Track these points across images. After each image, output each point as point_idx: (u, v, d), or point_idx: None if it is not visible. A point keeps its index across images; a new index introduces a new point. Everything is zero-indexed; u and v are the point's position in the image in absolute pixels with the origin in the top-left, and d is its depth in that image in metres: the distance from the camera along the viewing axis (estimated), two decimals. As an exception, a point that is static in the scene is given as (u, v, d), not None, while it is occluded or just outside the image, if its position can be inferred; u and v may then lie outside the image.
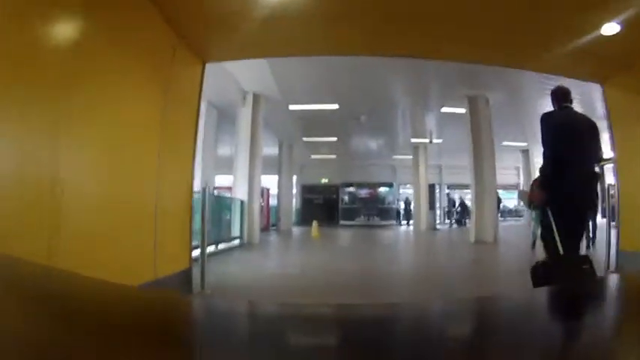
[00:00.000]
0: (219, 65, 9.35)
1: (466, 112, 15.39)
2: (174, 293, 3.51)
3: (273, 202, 23.58)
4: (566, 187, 4.04)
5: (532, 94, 13.79)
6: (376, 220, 30.33)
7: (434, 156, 25.73)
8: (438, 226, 25.02)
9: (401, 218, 28.23)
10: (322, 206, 31.40)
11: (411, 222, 27.40)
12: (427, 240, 17.76)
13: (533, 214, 10.53)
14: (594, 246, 9.54)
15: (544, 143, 4.26)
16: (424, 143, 23.10)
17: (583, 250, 5.24)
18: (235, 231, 13.66)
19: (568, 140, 4.14)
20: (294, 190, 30.16)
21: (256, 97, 14.45)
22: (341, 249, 13.79)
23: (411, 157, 25.19)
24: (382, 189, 32.03)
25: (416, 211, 24.74)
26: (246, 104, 14.41)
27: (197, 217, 6.44)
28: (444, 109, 16.59)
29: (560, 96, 4.49)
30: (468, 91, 14.67)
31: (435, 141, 22.01)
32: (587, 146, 4.26)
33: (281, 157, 23.11)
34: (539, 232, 5.30)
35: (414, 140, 22.67)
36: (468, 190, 31.38)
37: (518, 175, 33.38)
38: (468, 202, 22.08)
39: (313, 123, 18.82)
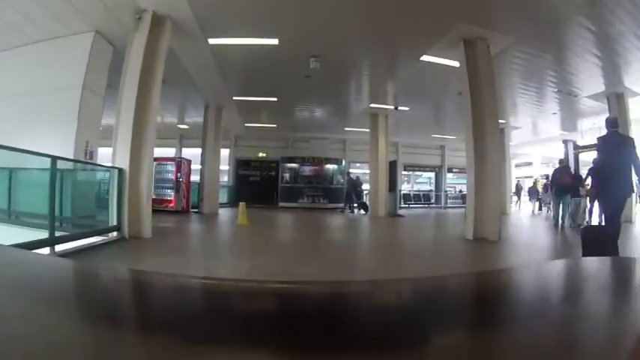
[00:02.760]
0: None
1: (461, 65, 11.10)
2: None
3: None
4: (609, 182, 6.92)
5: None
6: (322, 203, 25.70)
7: (393, 129, 21.48)
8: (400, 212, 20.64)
9: (352, 201, 23.94)
10: (259, 184, 27.65)
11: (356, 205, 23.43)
12: (400, 234, 13.24)
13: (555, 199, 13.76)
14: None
15: (598, 156, 7.60)
16: (387, 110, 18.86)
17: None
18: (112, 218, 8.97)
19: (605, 151, 7.20)
20: (228, 166, 27.86)
21: (157, 20, 9.72)
22: (273, 250, 8.69)
23: (366, 129, 20.87)
24: (330, 166, 27.22)
25: (372, 193, 20.33)
26: (140, 28, 9.57)
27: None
28: (426, 58, 12.07)
29: (609, 123, 7.40)
30: (464, 30, 10.50)
31: (401, 108, 17.62)
32: (621, 153, 6.85)
33: (206, 123, 18.77)
34: (560, 215, 13.28)
35: (373, 106, 18.32)
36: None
37: None
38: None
39: (245, 72, 14.24)
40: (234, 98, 17.45)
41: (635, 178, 6.96)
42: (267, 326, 0.77)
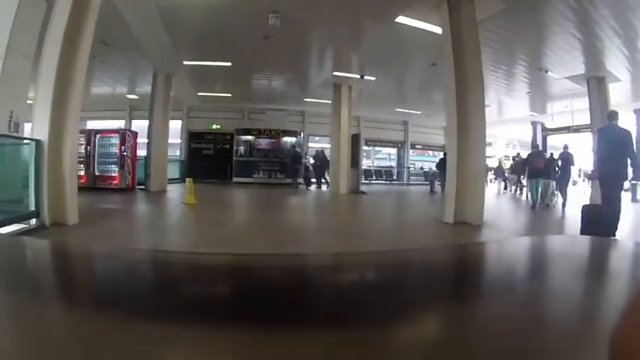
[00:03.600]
0: None
1: (444, 31, 9.86)
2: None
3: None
4: (608, 168, 7.59)
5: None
6: (279, 178, 24.20)
7: (356, 102, 20.00)
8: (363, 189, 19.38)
9: (310, 177, 22.61)
10: (212, 158, 25.72)
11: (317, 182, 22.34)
12: (371, 216, 11.98)
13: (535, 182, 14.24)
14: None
15: (597, 145, 8.48)
16: (351, 80, 17.49)
17: None
18: (30, 202, 7.39)
19: (605, 141, 7.97)
20: (180, 139, 25.90)
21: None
22: (218, 238, 7.14)
23: (328, 101, 19.57)
24: (288, 139, 25.58)
25: (334, 169, 19.05)
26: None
27: None
28: (402, 20, 10.77)
29: (609, 116, 8.11)
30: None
31: (367, 77, 16.31)
32: (619, 144, 7.58)
33: (154, 91, 16.96)
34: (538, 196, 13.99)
35: (337, 74, 16.86)
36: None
37: (445, 136, 29.92)
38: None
39: (196, 32, 12.65)
40: (185, 63, 15.75)
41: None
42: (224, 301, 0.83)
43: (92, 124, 20.45)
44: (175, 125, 24.27)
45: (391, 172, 30.01)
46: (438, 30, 10.33)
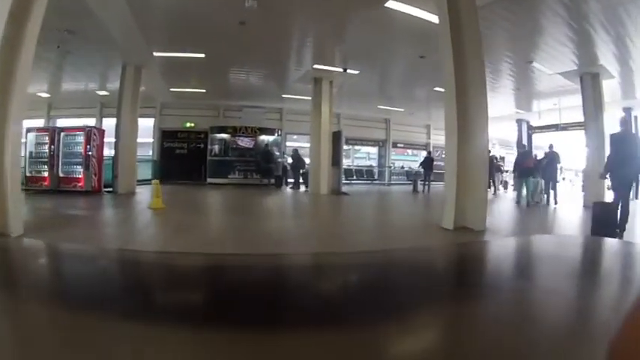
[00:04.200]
0: None
1: (442, 17, 8.80)
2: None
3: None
4: (619, 170, 8.07)
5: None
6: (255, 178, 23.08)
7: (336, 99, 19.13)
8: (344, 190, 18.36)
9: (287, 177, 21.60)
10: (186, 158, 24.42)
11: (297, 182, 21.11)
12: (361, 222, 10.53)
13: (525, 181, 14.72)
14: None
15: (610, 149, 8.54)
16: (333, 74, 16.53)
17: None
18: None
19: (616, 145, 8.27)
20: (152, 138, 24.73)
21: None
22: (187, 246, 6.03)
23: (307, 97, 18.54)
24: (265, 137, 24.47)
25: (314, 168, 18.00)
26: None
27: None
28: (393, 5, 9.89)
29: (621, 122, 8.57)
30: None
31: (350, 71, 15.39)
32: (629, 148, 8.05)
33: (123, 85, 15.78)
34: (523, 194, 14.60)
35: (318, 67, 15.91)
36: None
37: (428, 134, 29.60)
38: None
39: (166, 19, 11.70)
40: (155, 54, 14.66)
41: None
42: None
43: (62, 123, 19.75)
44: (148, 123, 23.41)
45: (372, 172, 29.27)
46: (431, 17, 9.56)
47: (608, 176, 8.61)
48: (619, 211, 7.84)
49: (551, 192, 15.18)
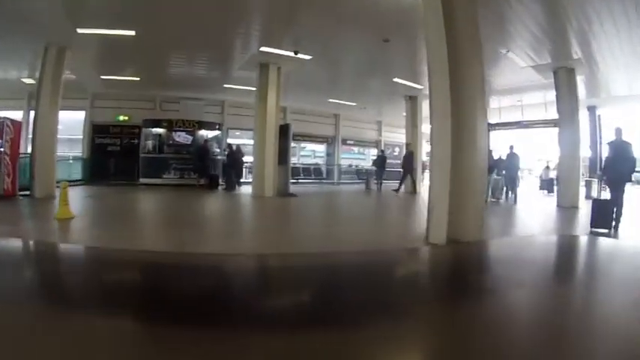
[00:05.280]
0: None
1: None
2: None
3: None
4: (614, 173, 9.30)
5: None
6: (192, 178, 20.90)
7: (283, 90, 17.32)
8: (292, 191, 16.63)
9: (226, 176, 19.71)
10: (118, 156, 22.11)
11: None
12: (316, 231, 8.51)
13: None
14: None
15: (607, 155, 9.83)
16: (281, 59, 14.85)
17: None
18: None
19: (612, 151, 9.41)
20: (82, 134, 22.20)
21: None
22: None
23: (252, 87, 16.83)
24: (205, 132, 22.48)
25: (257, 167, 16.16)
26: None
27: None
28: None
29: (616, 132, 9.52)
30: None
31: (302, 56, 14.06)
32: (623, 154, 9.20)
33: (43, 70, 13.84)
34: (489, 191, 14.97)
35: (265, 50, 14.14)
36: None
37: (380, 131, 28.49)
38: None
39: None
40: (80, 32, 12.53)
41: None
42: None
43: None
44: (79, 117, 21.43)
45: (320, 170, 28.05)
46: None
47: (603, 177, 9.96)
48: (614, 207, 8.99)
49: (511, 193, 15.88)
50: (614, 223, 8.79)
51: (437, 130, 7.11)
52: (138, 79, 18.98)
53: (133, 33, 12.65)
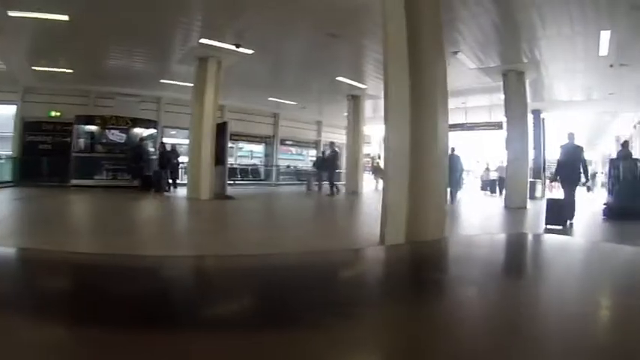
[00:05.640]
0: None
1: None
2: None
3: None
4: (566, 173, 10.20)
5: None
6: (126, 180, 20.13)
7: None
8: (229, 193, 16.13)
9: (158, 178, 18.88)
10: (50, 155, 20.80)
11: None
12: (260, 238, 7.60)
13: None
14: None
15: (559, 157, 10.66)
16: (221, 53, 14.44)
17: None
18: None
19: (565, 154, 10.28)
20: (12, 131, 20.92)
21: None
22: None
23: (189, 84, 16.42)
24: (139, 130, 21.56)
25: (192, 168, 15.81)
26: None
27: None
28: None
29: (569, 136, 10.40)
30: None
31: (243, 50, 13.82)
32: (575, 156, 10.14)
33: None
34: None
35: (205, 42, 13.72)
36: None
37: (319, 131, 28.37)
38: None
39: None
40: (11, 14, 11.69)
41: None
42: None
43: None
44: (9, 112, 20.48)
45: (258, 171, 28.00)
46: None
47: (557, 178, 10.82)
48: (567, 204, 9.90)
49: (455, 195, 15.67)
50: (567, 220, 9.60)
51: (393, 127, 6.88)
52: (71, 70, 18.07)
53: (66, 18, 11.91)
